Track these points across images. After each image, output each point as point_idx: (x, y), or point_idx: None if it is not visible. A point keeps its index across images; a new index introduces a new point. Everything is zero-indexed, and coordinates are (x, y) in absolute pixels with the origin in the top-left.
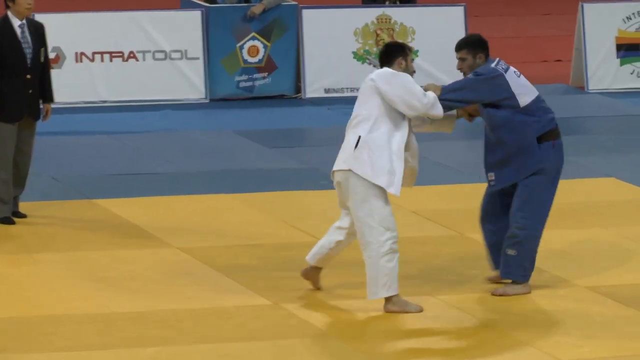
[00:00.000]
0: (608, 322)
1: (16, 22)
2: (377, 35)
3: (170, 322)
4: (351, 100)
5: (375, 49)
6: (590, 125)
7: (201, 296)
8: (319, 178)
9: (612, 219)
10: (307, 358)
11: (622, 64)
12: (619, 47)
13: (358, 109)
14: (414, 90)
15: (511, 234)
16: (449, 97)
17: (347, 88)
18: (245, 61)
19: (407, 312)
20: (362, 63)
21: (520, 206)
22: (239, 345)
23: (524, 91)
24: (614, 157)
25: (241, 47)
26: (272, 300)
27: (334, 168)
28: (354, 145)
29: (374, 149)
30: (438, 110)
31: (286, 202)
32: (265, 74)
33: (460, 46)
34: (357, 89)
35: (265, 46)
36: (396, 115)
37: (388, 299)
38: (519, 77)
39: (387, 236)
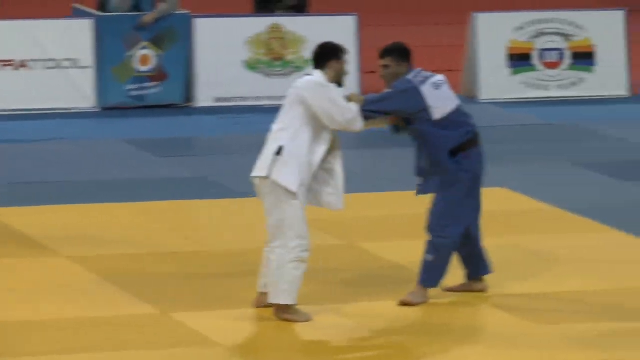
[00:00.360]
0: (498, 331)
1: None
2: (269, 44)
3: (51, 331)
4: (242, 110)
5: (266, 58)
6: (481, 135)
7: (89, 305)
8: (210, 187)
9: (503, 229)
10: None
11: (513, 73)
12: (511, 57)
13: (282, 117)
14: (339, 104)
15: (430, 239)
16: (370, 108)
17: (238, 97)
18: (136, 70)
19: (297, 322)
20: (254, 72)
21: (439, 215)
22: (125, 355)
23: (441, 104)
24: (505, 167)
25: (132, 56)
26: (161, 309)
27: (252, 174)
28: (274, 153)
29: (292, 157)
30: (358, 125)
31: (176, 211)
32: (157, 83)
33: (384, 53)
34: (249, 98)
35: (156, 55)
36: (318, 125)
37: (283, 307)
38: (437, 88)
39: (296, 243)
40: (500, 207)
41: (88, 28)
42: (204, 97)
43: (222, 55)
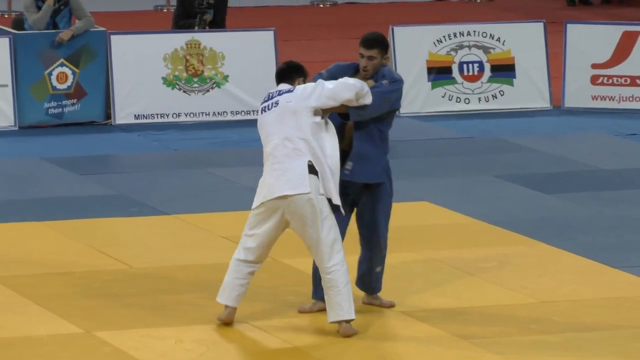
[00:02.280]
0: (423, 346)
1: None
2: (187, 60)
3: None
4: (162, 127)
5: (185, 74)
6: (401, 149)
7: (9, 325)
8: (129, 204)
9: (424, 243)
10: None
11: (433, 87)
12: (430, 71)
13: (281, 130)
14: (341, 84)
15: (380, 251)
16: (376, 98)
17: (157, 114)
18: (54, 88)
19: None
20: (172, 89)
21: (385, 226)
22: None
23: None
24: (426, 180)
25: (50, 74)
26: (84, 328)
27: (284, 192)
28: (306, 168)
29: (325, 169)
30: (369, 98)
31: (96, 229)
32: (75, 101)
33: (372, 44)
34: (167, 115)
35: (74, 72)
36: (320, 131)
37: (349, 321)
38: None
39: (343, 255)
40: (421, 221)
41: (5, 46)
42: (122, 115)
43: (140, 72)
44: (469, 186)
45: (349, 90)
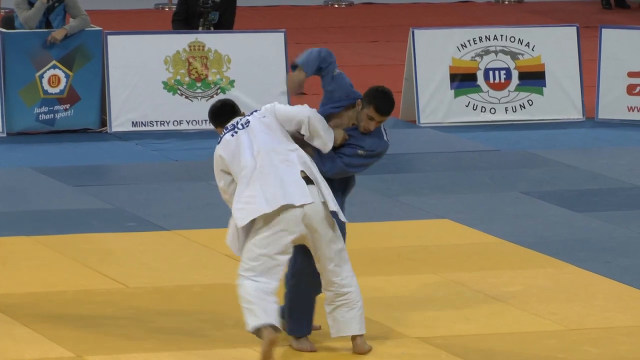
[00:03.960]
0: None
1: None
2: (190, 63)
3: None
4: (162, 135)
5: (187, 78)
6: (422, 162)
7: None
8: (126, 219)
9: (444, 264)
10: None
11: (456, 95)
12: (453, 77)
13: (270, 145)
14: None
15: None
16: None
17: (157, 121)
18: (45, 92)
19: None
20: (173, 94)
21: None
22: None
23: None
24: (448, 197)
25: (41, 77)
26: (76, 352)
27: (302, 202)
28: (302, 179)
29: (317, 179)
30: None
31: (89, 245)
32: (68, 106)
33: (389, 112)
34: (168, 122)
35: (67, 75)
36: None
37: (361, 336)
38: None
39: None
40: (442, 240)
41: None
42: (119, 122)
43: (139, 76)
44: (494, 203)
45: (313, 122)
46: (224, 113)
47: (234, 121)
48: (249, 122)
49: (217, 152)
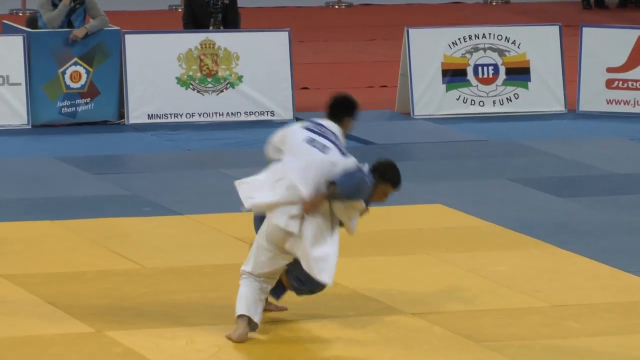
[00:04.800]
0: (435, 349)
1: None
2: (201, 60)
3: None
4: (175, 126)
5: (199, 74)
6: (416, 151)
7: (21, 324)
8: (142, 204)
9: (437, 246)
10: None
11: (448, 89)
12: (445, 73)
13: (301, 173)
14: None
15: None
16: None
17: (170, 114)
18: (67, 87)
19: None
20: (186, 89)
21: None
22: None
23: None
24: (440, 183)
25: (63, 73)
26: (96, 327)
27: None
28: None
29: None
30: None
31: (108, 229)
32: (88, 100)
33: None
34: (181, 115)
35: (87, 71)
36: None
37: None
38: None
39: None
40: (435, 223)
41: (19, 45)
42: (136, 114)
43: (154, 72)
44: (483, 189)
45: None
46: (329, 106)
47: (324, 128)
48: (325, 149)
49: (296, 128)
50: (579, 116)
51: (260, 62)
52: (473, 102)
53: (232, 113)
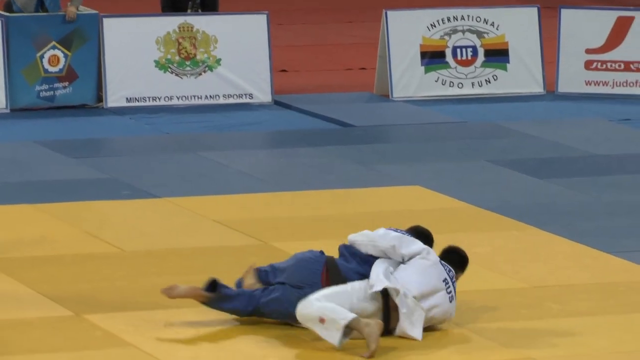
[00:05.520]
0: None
1: None
2: (179, 43)
3: None
4: (154, 110)
5: (177, 57)
6: (394, 133)
7: (0, 307)
8: (121, 188)
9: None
10: None
11: (426, 71)
12: (424, 55)
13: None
14: None
15: None
16: None
17: (149, 97)
18: (46, 71)
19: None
20: (164, 72)
21: None
22: (38, 357)
23: None
24: (419, 165)
25: (42, 57)
26: (75, 311)
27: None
28: None
29: None
30: None
31: (88, 212)
32: (66, 84)
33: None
34: (159, 98)
35: (66, 55)
36: None
37: None
38: None
39: None
40: (413, 205)
41: None
42: (114, 98)
43: (132, 55)
44: (462, 171)
45: None
46: (454, 254)
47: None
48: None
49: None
50: (557, 97)
51: (239, 45)
52: (452, 84)
53: (210, 96)
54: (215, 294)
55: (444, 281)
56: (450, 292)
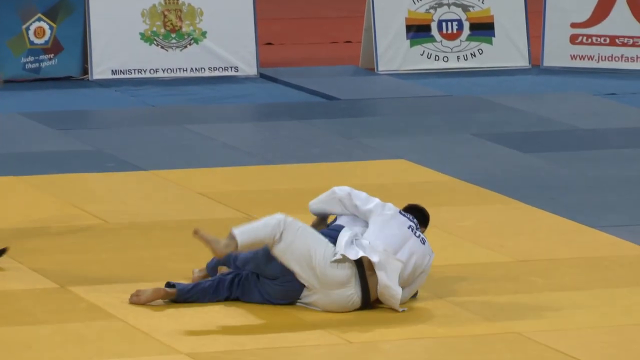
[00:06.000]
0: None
1: None
2: (165, 16)
3: None
4: (139, 82)
5: (162, 30)
6: (380, 107)
7: None
8: (106, 160)
9: (401, 201)
10: (96, 341)
11: (412, 45)
12: (409, 28)
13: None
14: None
15: None
16: None
17: (134, 69)
18: (31, 42)
19: None
20: (150, 44)
21: None
22: (23, 330)
23: None
24: (404, 138)
25: (27, 29)
26: (60, 283)
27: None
28: None
29: None
30: None
31: (72, 184)
32: (52, 55)
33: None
34: (145, 70)
35: (51, 27)
36: None
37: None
38: None
39: None
40: (399, 179)
41: None
42: (99, 70)
43: (118, 28)
44: (447, 144)
45: None
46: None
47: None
48: (424, 241)
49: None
50: (543, 71)
51: (224, 18)
52: (437, 58)
53: (196, 69)
54: (177, 288)
55: (409, 228)
56: (419, 235)
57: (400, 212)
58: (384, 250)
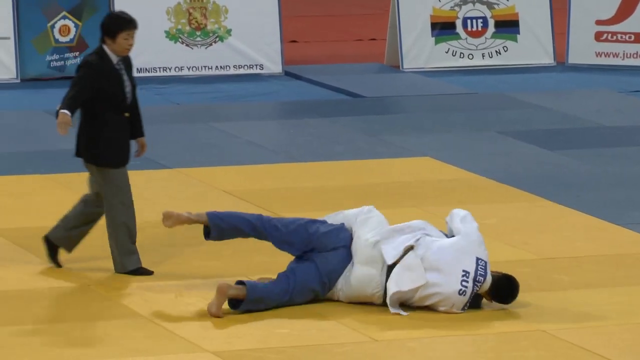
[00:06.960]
0: None
1: (114, 59)
2: (190, 14)
3: None
4: (164, 80)
5: (187, 27)
6: (405, 104)
7: (10, 278)
8: (131, 158)
9: (426, 199)
10: (121, 339)
11: (437, 42)
12: (434, 26)
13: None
14: None
15: None
16: None
17: (159, 68)
18: (56, 40)
19: None
20: (175, 42)
21: None
22: (49, 327)
23: None
24: (429, 136)
25: (52, 27)
26: (85, 281)
27: None
28: None
29: None
30: None
31: None
32: (77, 54)
33: None
34: (170, 69)
35: (76, 25)
36: None
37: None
38: None
39: None
40: (424, 176)
41: None
42: None
43: (143, 25)
44: (472, 142)
45: None
46: None
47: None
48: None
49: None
50: (567, 69)
51: (249, 15)
52: (462, 55)
53: (221, 67)
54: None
55: (463, 271)
56: (466, 285)
57: (478, 258)
58: (430, 265)
